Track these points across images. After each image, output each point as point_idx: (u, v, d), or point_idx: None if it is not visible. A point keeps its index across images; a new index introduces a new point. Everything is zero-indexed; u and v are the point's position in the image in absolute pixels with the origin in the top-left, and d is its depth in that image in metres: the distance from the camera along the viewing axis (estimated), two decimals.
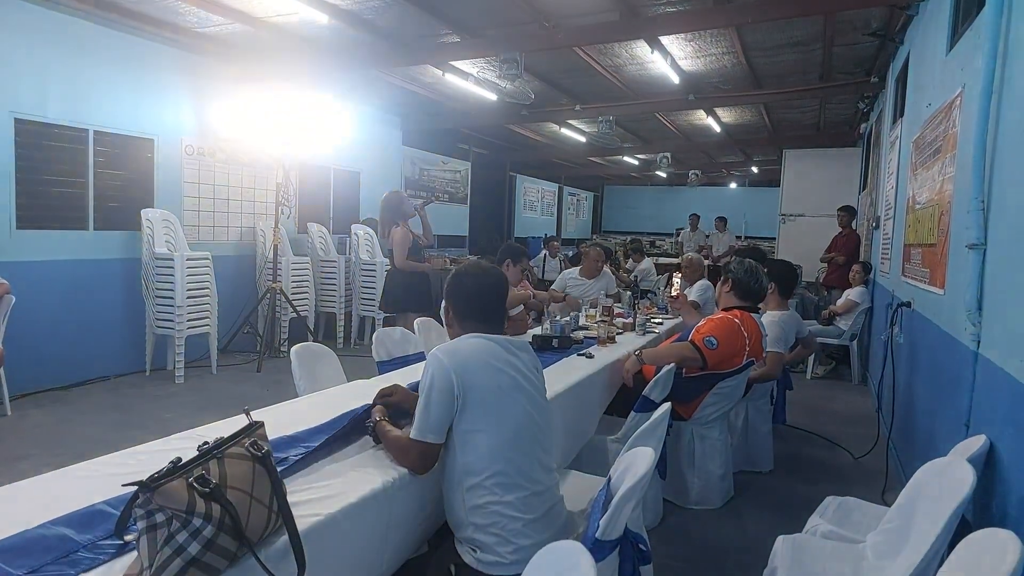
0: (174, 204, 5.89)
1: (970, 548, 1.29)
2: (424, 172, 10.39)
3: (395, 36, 5.80)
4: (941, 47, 3.35)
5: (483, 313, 1.87)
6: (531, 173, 15.70)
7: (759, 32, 5.61)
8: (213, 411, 1.88)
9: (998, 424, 1.93)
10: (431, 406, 1.66)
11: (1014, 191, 1.96)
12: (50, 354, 4.98)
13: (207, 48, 6.01)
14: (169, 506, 1.10)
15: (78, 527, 1.25)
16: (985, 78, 2.20)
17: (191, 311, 5.38)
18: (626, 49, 6.16)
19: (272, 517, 1.26)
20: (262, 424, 1.35)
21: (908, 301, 3.64)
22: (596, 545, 1.49)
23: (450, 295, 1.91)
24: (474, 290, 1.88)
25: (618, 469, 1.75)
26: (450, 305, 1.91)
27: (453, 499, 1.70)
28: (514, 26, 5.48)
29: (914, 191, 3.76)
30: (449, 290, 1.91)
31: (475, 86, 6.97)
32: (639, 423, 2.47)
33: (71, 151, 5.09)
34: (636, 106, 8.27)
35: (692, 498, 3.28)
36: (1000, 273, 2.03)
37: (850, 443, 4.23)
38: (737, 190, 18.27)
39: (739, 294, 3.36)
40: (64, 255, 5.10)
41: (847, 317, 6.06)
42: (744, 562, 2.74)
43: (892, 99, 5.49)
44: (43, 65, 4.87)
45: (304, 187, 7.40)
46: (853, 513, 2.25)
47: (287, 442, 1.77)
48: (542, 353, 3.28)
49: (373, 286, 6.98)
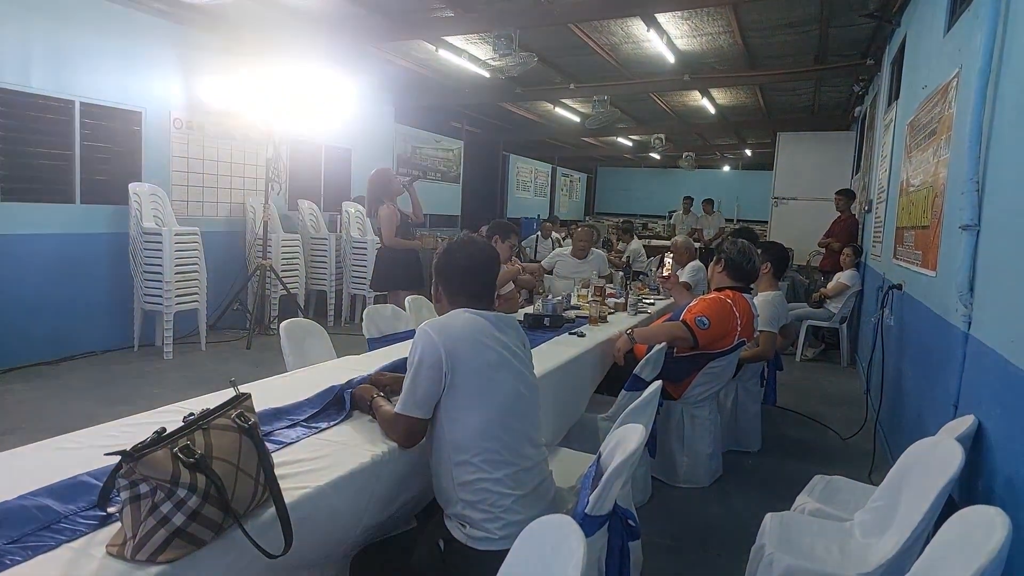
0: (163, 178, 5.80)
1: (960, 524, 1.29)
2: (416, 150, 10.29)
3: (388, 9, 5.70)
4: (938, 28, 3.32)
5: (474, 289, 1.85)
6: (525, 153, 15.61)
7: (756, 11, 5.55)
8: (201, 387, 1.86)
9: (986, 404, 1.94)
10: (419, 381, 1.65)
11: (1009, 172, 1.96)
12: (36, 329, 4.92)
13: (197, 20, 5.88)
14: (153, 476, 1.08)
15: (60, 498, 1.23)
16: (983, 59, 2.18)
17: (179, 287, 5.33)
18: (622, 27, 6.09)
19: (259, 489, 1.24)
20: (249, 396, 1.34)
21: (899, 284, 3.65)
22: (585, 520, 1.49)
23: (441, 270, 1.88)
24: (467, 265, 1.85)
25: (608, 445, 1.75)
26: (441, 280, 1.89)
27: (442, 475, 1.69)
28: (509, 1, 5.40)
29: (908, 173, 3.75)
30: (440, 265, 1.89)
31: (468, 62, 6.88)
32: (629, 401, 2.47)
33: (57, 122, 4.99)
34: (631, 86, 8.20)
35: (681, 476, 3.30)
36: (993, 254, 2.03)
37: (838, 424, 4.27)
38: (730, 173, 18.24)
39: (731, 274, 3.35)
40: (50, 229, 5.02)
41: (837, 300, 6.09)
42: (731, 539, 2.76)
43: (888, 81, 5.46)
44: (27, 34, 4.74)
45: (295, 164, 7.31)
46: (840, 492, 2.27)
47: (274, 415, 1.76)
48: (534, 331, 3.29)
49: (364, 264, 6.93)
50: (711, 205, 11.45)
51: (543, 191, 17.00)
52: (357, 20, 5.91)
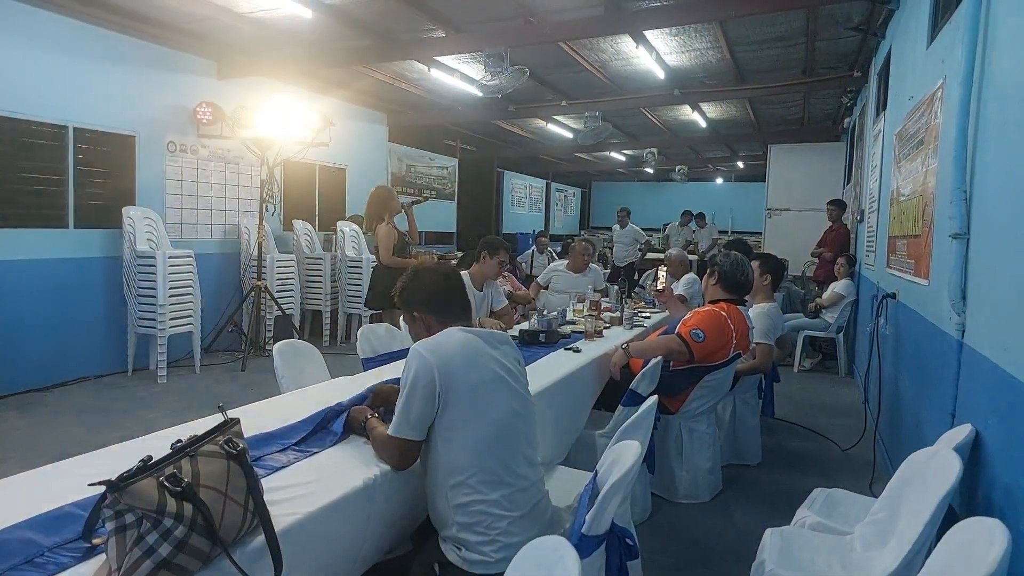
0: (156, 201, 5.80)
1: (958, 537, 1.28)
2: (411, 168, 10.32)
3: (380, 31, 5.75)
4: (922, 41, 3.36)
5: (453, 306, 1.86)
6: (519, 169, 15.68)
7: (743, 26, 5.61)
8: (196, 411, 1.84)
9: (983, 412, 1.93)
10: (413, 402, 1.63)
11: (995, 181, 1.97)
12: (29, 355, 4.88)
13: (190, 44, 5.92)
14: (139, 506, 1.07)
15: (44, 530, 1.21)
16: (965, 70, 2.20)
17: (174, 310, 5.31)
18: (611, 44, 6.14)
19: (248, 516, 1.22)
20: (237, 421, 1.32)
21: (893, 292, 3.65)
22: (582, 540, 1.47)
23: (414, 295, 1.89)
24: (441, 284, 1.88)
25: (604, 463, 1.74)
26: (417, 306, 1.88)
27: (437, 497, 1.66)
28: (499, 21, 5.44)
29: (898, 183, 3.77)
30: (411, 291, 1.90)
31: (461, 81, 6.93)
32: (627, 417, 2.45)
33: (50, 148, 5.00)
34: (622, 101, 8.26)
35: (680, 492, 3.27)
36: (983, 262, 2.03)
37: (838, 435, 4.25)
38: (723, 185, 18.34)
39: (725, 287, 3.35)
40: (43, 254, 5.00)
41: (833, 310, 6.09)
42: (732, 555, 2.73)
43: (875, 93, 5.51)
44: (20, 60, 4.77)
45: (289, 183, 7.32)
46: (841, 505, 2.25)
47: (264, 439, 1.74)
48: (529, 347, 3.27)
49: (359, 283, 6.92)
50: (703, 218, 11.68)
51: (538, 206, 17.05)
52: (348, 42, 5.95)
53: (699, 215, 11.80)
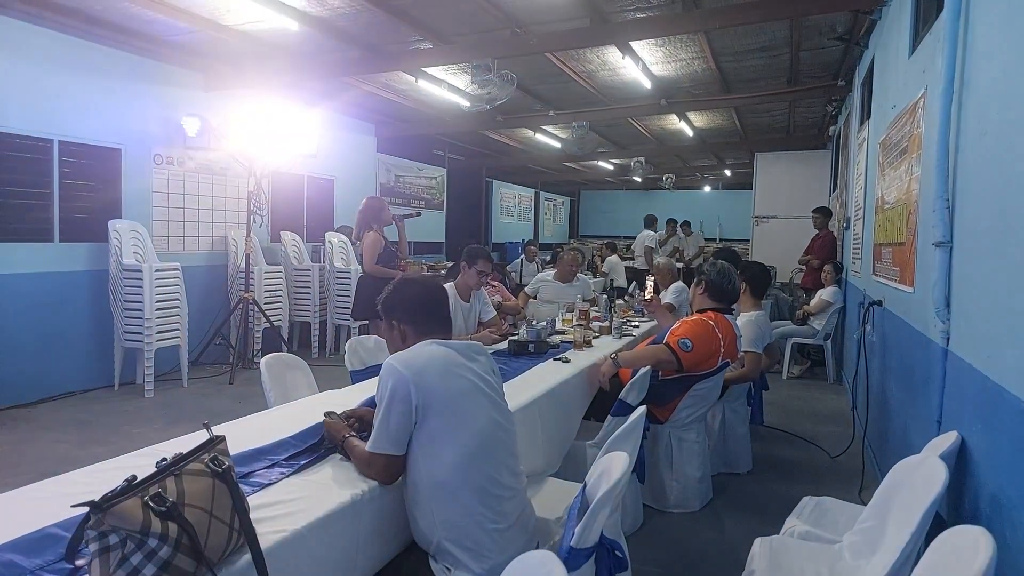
0: (143, 214, 5.77)
1: (944, 545, 1.28)
2: (400, 179, 10.32)
3: (366, 43, 5.75)
4: (904, 50, 3.40)
5: (433, 319, 1.86)
6: (507, 179, 15.72)
7: (728, 37, 5.67)
8: (183, 426, 1.82)
9: (968, 420, 1.95)
10: (391, 417, 1.62)
11: (977, 189, 1.99)
12: (14, 370, 4.82)
13: (176, 57, 5.91)
14: (123, 527, 1.05)
15: (26, 552, 1.19)
16: (946, 80, 2.24)
17: (160, 323, 5.26)
18: (597, 55, 6.19)
19: (233, 535, 1.21)
20: (223, 438, 1.31)
21: (879, 300, 3.68)
22: (571, 553, 1.46)
23: (396, 304, 1.88)
24: (423, 296, 1.87)
25: (593, 475, 1.73)
26: (397, 315, 1.87)
27: (419, 516, 1.64)
28: (486, 32, 5.47)
29: (883, 191, 3.81)
30: (393, 300, 1.89)
31: (449, 92, 6.94)
32: (616, 427, 2.45)
33: (35, 161, 4.96)
34: (609, 111, 8.31)
35: (671, 502, 3.27)
36: (966, 270, 2.06)
37: (827, 442, 4.27)
38: (711, 193, 18.46)
39: (712, 296, 3.37)
40: (28, 268, 4.95)
41: (821, 317, 6.13)
42: (722, 565, 2.73)
43: (859, 102, 5.58)
44: (4, 73, 4.73)
45: (277, 195, 7.30)
46: (829, 513, 2.26)
47: (251, 456, 1.72)
48: (518, 358, 3.27)
49: (348, 294, 6.89)
50: (689, 226, 11.83)
51: (527, 216, 17.09)
52: (335, 53, 5.96)
53: (684, 223, 11.88)
